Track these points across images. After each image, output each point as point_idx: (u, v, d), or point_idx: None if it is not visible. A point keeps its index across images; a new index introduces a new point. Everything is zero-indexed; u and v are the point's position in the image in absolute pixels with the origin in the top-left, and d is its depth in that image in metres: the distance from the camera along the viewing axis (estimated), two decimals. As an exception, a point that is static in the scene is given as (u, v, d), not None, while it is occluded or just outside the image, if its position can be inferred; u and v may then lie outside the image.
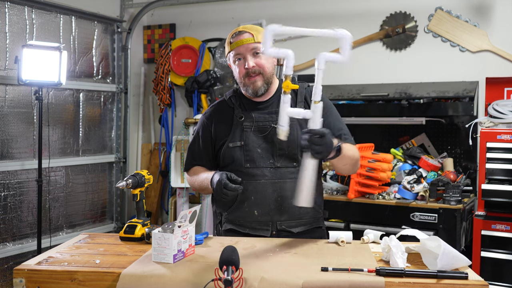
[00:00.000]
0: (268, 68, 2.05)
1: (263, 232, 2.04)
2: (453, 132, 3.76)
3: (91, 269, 1.61)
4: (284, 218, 2.04)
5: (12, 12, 3.69)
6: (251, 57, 2.02)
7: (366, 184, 3.36)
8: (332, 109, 2.14)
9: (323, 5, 4.21)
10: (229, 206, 2.07)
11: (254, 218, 2.05)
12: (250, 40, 2.02)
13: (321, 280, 1.49)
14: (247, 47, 2.02)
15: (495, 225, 3.06)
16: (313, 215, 2.09)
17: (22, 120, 3.77)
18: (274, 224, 2.04)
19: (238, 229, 2.07)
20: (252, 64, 2.01)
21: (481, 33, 3.71)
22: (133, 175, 2.02)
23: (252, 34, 2.03)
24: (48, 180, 3.95)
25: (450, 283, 1.48)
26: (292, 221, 2.05)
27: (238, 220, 2.07)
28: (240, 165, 2.05)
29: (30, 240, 3.80)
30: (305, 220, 2.07)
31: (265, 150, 2.05)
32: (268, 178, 2.03)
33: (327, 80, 4.33)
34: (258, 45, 2.01)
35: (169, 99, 4.71)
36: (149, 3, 4.66)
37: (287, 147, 2.03)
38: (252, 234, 2.05)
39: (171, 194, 4.70)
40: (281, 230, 2.04)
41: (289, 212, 2.04)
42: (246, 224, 2.06)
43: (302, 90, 2.12)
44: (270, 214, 2.04)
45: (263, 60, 2.04)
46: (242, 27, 2.07)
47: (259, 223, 2.05)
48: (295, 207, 1.95)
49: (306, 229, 2.08)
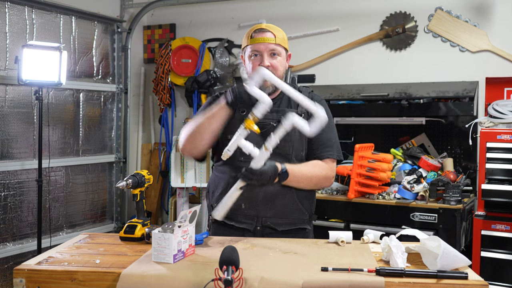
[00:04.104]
0: (280, 71, 2.09)
1: (248, 226, 2.07)
2: (453, 132, 3.76)
3: (91, 269, 1.61)
4: (270, 215, 2.07)
5: (12, 12, 3.69)
6: (267, 57, 2.06)
7: (366, 184, 3.35)
8: (328, 122, 2.11)
9: (323, 5, 4.21)
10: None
11: (241, 211, 2.07)
12: (271, 40, 2.06)
13: (321, 280, 1.49)
14: (266, 46, 2.06)
15: (495, 225, 3.06)
16: (298, 216, 2.11)
17: (22, 120, 3.77)
18: (259, 220, 2.07)
19: (224, 220, 2.07)
20: (267, 63, 2.05)
21: (481, 33, 3.71)
22: (133, 175, 2.02)
23: (274, 35, 2.07)
24: (48, 180, 3.95)
25: (450, 283, 1.48)
26: (278, 219, 2.08)
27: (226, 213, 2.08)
28: (233, 157, 2.01)
29: (30, 240, 3.80)
30: (290, 219, 2.10)
31: (261, 146, 2.05)
32: None
33: (327, 80, 4.39)
34: (277, 47, 2.07)
35: (169, 99, 4.71)
36: (149, 3, 4.66)
37: (282, 146, 2.04)
38: (237, 227, 2.08)
39: (171, 194, 4.70)
40: (265, 226, 2.07)
41: (275, 209, 2.06)
42: (232, 217, 2.08)
43: (305, 95, 2.11)
44: (256, 209, 2.06)
45: (278, 62, 2.08)
46: (265, 25, 2.10)
47: (245, 217, 2.07)
48: (281, 204, 2.04)
49: (290, 228, 2.10)
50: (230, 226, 2.09)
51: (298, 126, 1.84)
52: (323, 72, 4.19)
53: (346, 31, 4.14)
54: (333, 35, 4.19)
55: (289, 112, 1.89)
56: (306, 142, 2.12)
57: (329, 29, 4.20)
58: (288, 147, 2.08)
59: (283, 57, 2.11)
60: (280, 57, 2.09)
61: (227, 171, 2.12)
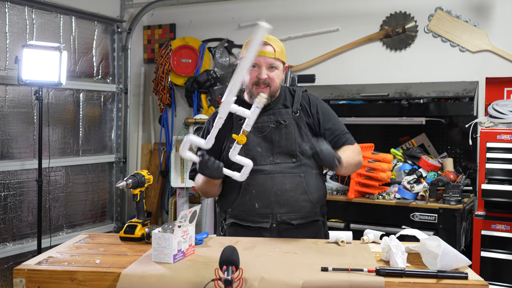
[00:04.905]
0: (276, 83, 2.17)
1: (264, 224, 2.11)
2: (453, 132, 3.76)
3: (91, 269, 1.61)
4: (284, 211, 2.11)
5: (12, 12, 3.69)
6: (265, 69, 2.13)
7: (366, 184, 3.35)
8: (330, 113, 2.28)
9: (323, 5, 4.21)
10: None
11: (255, 211, 2.12)
12: (271, 54, 2.14)
13: (321, 280, 1.49)
14: (266, 60, 2.13)
15: (495, 225, 3.06)
16: (310, 209, 2.16)
17: (22, 120, 3.77)
18: (274, 216, 2.11)
19: (240, 222, 2.14)
20: (265, 76, 2.12)
21: (481, 33, 3.71)
22: (133, 175, 2.03)
23: (274, 49, 2.14)
24: (48, 180, 3.95)
25: (450, 283, 1.48)
26: (292, 214, 2.12)
27: (241, 215, 2.14)
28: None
29: (30, 240, 3.80)
30: (303, 213, 2.14)
31: (265, 148, 2.14)
32: (268, 172, 2.12)
33: (327, 80, 4.39)
34: (275, 61, 2.14)
35: (169, 99, 4.71)
36: (149, 3, 4.66)
37: (285, 145, 2.14)
38: (253, 227, 2.12)
39: (171, 194, 4.70)
40: (281, 222, 2.11)
41: (288, 205, 2.11)
42: (247, 218, 2.13)
43: (299, 93, 2.25)
44: (270, 207, 2.11)
45: (275, 75, 2.15)
46: (267, 38, 2.15)
47: (260, 216, 2.12)
48: (293, 200, 2.11)
49: (305, 221, 2.15)
50: (246, 227, 2.13)
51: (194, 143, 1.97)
52: (323, 72, 4.19)
53: (346, 31, 4.14)
54: (333, 35, 4.19)
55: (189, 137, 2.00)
56: (309, 137, 2.17)
57: (329, 29, 4.20)
58: (291, 144, 2.14)
59: (280, 70, 2.19)
60: (277, 70, 2.16)
61: None
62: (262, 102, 1.92)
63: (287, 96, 2.25)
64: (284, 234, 2.10)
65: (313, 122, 2.20)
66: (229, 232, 2.18)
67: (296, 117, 2.17)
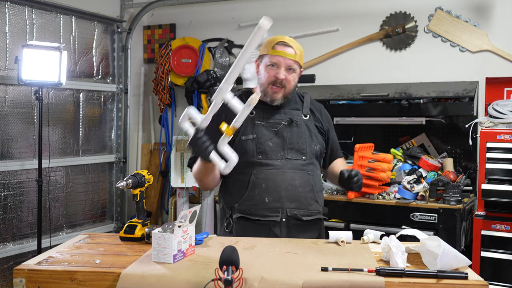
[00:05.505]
0: (291, 85, 2.22)
1: (274, 218, 2.12)
2: (453, 132, 3.76)
3: (91, 269, 1.61)
4: (293, 206, 2.14)
5: (12, 12, 3.69)
6: (284, 70, 2.16)
7: (366, 184, 3.35)
8: (332, 125, 2.41)
9: (323, 5, 4.21)
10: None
11: (265, 205, 2.12)
12: (292, 56, 2.17)
13: (321, 280, 1.49)
14: (286, 61, 2.17)
15: (495, 225, 3.06)
16: (315, 208, 2.20)
17: (22, 120, 3.77)
18: (284, 211, 2.13)
19: (249, 216, 2.14)
20: (282, 76, 2.16)
21: (481, 33, 3.71)
22: (133, 175, 2.03)
23: (295, 52, 2.18)
24: (48, 180, 3.95)
25: (450, 283, 1.48)
26: (300, 210, 2.15)
27: (249, 209, 2.14)
28: (252, 156, 2.14)
29: (30, 240, 3.80)
30: (310, 210, 2.18)
31: (276, 144, 2.17)
32: (279, 167, 2.14)
33: (327, 80, 4.39)
34: (294, 64, 2.18)
35: (169, 99, 4.71)
36: (149, 3, 4.66)
37: (296, 142, 2.18)
38: (263, 221, 2.12)
39: (171, 194, 4.70)
40: (290, 217, 2.13)
41: (297, 201, 2.14)
42: (257, 212, 2.13)
43: (308, 99, 2.35)
44: (280, 201, 2.12)
45: (291, 77, 2.19)
46: (289, 40, 2.20)
47: (270, 210, 2.12)
48: (302, 196, 2.14)
49: (312, 218, 2.18)
50: (255, 221, 2.13)
51: (193, 118, 1.94)
52: (323, 72, 4.19)
53: (346, 31, 4.14)
54: (333, 35, 4.19)
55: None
56: (318, 137, 2.26)
57: (329, 29, 4.20)
58: (302, 143, 2.19)
59: (297, 73, 2.24)
60: (294, 73, 2.21)
61: (244, 171, 2.13)
62: (253, 103, 1.84)
63: (297, 100, 2.32)
64: (293, 229, 2.12)
65: (321, 127, 2.29)
66: (236, 227, 2.16)
67: (306, 120, 2.25)
